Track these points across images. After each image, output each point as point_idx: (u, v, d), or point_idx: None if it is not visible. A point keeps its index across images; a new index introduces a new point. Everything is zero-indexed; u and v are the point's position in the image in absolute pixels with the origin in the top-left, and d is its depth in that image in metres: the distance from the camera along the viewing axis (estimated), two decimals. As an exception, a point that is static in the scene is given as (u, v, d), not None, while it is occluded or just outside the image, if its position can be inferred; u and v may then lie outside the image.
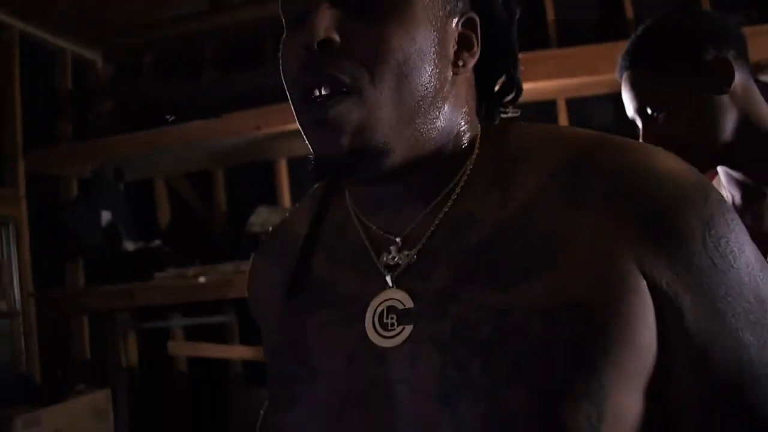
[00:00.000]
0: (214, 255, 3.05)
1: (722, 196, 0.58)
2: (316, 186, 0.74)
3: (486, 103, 0.68)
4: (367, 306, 0.61)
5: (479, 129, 0.66)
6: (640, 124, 1.08)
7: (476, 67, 0.65)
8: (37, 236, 2.94)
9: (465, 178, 0.62)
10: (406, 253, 0.62)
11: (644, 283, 0.54)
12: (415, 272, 0.61)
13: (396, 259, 0.62)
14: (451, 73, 0.62)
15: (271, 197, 3.24)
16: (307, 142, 0.61)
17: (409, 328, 0.58)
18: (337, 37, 0.57)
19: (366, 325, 0.60)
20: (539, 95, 2.69)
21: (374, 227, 0.65)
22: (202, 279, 2.75)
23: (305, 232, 0.69)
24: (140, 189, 3.41)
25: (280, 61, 0.62)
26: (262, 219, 3.13)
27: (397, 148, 0.59)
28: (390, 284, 0.61)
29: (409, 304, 0.59)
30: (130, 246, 3.09)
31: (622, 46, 1.09)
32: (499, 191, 0.61)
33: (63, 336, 3.13)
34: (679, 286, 0.54)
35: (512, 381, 0.53)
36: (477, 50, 0.63)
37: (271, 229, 0.80)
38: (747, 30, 1.12)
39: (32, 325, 2.85)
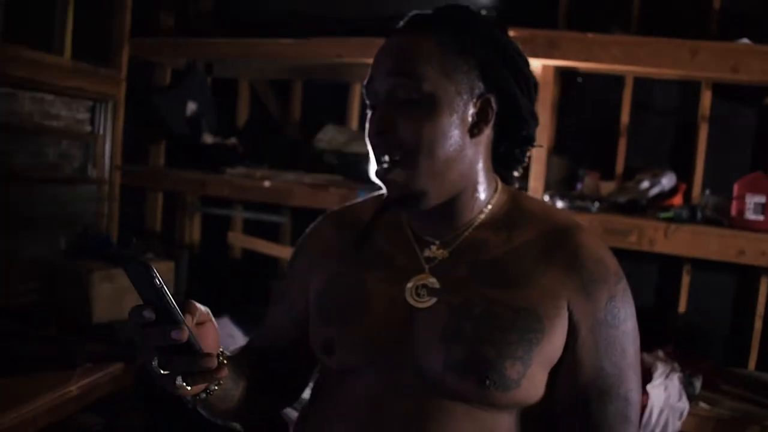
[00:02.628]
0: (281, 161, 3.31)
1: (626, 283, 0.95)
2: (378, 193, 1.08)
3: (504, 155, 1.01)
4: (410, 279, 0.96)
5: (497, 181, 1.01)
6: None
7: (499, 128, 0.98)
8: (130, 116, 3.25)
9: (483, 216, 0.98)
10: (441, 251, 0.97)
11: (567, 314, 0.93)
12: (443, 266, 0.96)
13: (433, 255, 0.98)
14: (468, 139, 0.93)
15: (341, 117, 3.44)
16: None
17: (433, 299, 0.94)
18: (388, 127, 0.92)
19: (406, 293, 0.95)
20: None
21: (419, 231, 1.01)
22: (267, 183, 3.02)
23: (369, 220, 1.04)
24: (225, 87, 3.64)
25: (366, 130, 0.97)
26: (329, 137, 3.34)
27: (431, 193, 0.94)
28: (426, 271, 0.96)
29: (436, 285, 0.95)
30: (208, 138, 3.36)
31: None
32: (506, 233, 0.97)
33: (140, 208, 3.51)
34: (583, 323, 0.93)
35: (485, 341, 0.89)
36: (492, 119, 0.94)
37: (334, 210, 1.11)
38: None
39: (116, 193, 3.21)
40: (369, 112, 0.96)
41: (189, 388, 0.78)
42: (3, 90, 2.63)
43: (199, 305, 0.80)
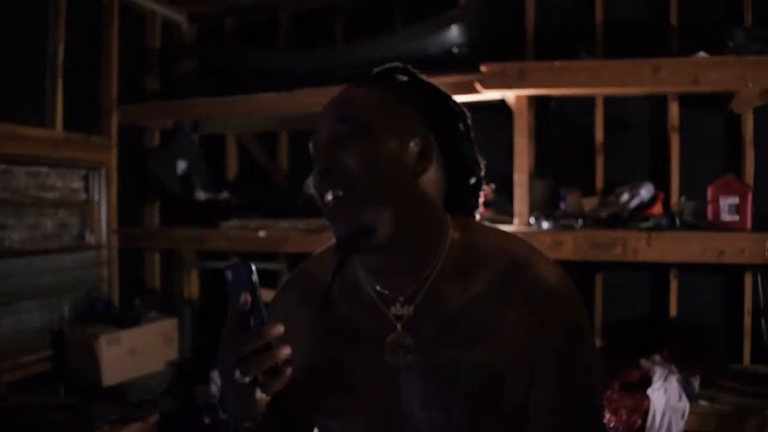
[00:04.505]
0: (273, 210, 3.40)
1: (583, 307, 0.97)
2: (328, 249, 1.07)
3: (455, 196, 1.03)
4: (382, 341, 0.96)
5: (449, 222, 1.01)
6: None
7: (447, 175, 1.01)
8: (123, 180, 3.34)
9: (439, 265, 0.97)
10: (407, 308, 0.96)
11: (528, 350, 0.93)
12: (412, 323, 0.96)
13: (399, 312, 0.97)
14: (412, 177, 0.95)
15: (328, 161, 3.53)
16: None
17: (409, 356, 0.95)
18: (331, 166, 0.93)
19: (386, 356, 0.96)
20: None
21: (379, 287, 0.98)
22: (262, 233, 3.11)
23: (329, 281, 0.98)
24: (213, 143, 3.75)
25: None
26: (318, 181, 3.44)
27: (380, 228, 0.92)
28: (399, 329, 0.96)
29: (411, 342, 0.95)
30: (201, 195, 3.45)
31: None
32: (463, 281, 0.96)
33: (139, 269, 3.57)
34: (544, 355, 0.93)
35: (458, 403, 0.92)
36: (433, 157, 0.97)
37: (295, 273, 1.10)
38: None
39: (114, 257, 3.29)
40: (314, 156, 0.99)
41: (265, 395, 0.84)
42: (0, 167, 2.72)
43: None
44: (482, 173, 1.05)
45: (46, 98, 2.96)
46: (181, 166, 3.49)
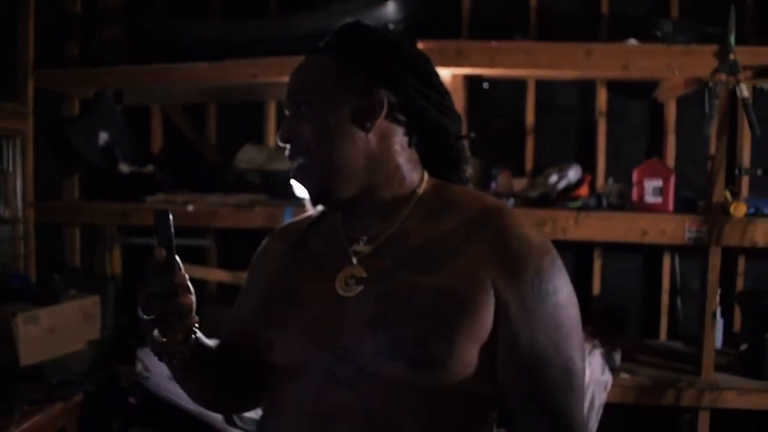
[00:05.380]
0: (201, 185, 3.30)
1: (555, 256, 0.98)
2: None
3: (432, 155, 1.08)
4: (339, 272, 1.02)
5: (424, 175, 1.07)
6: None
7: (414, 128, 1.05)
8: (39, 150, 3.16)
9: (408, 210, 1.04)
10: (367, 247, 1.03)
11: (492, 291, 0.95)
12: (370, 259, 1.02)
13: (360, 250, 1.04)
14: (363, 133, 1.01)
15: (258, 136, 3.47)
16: None
17: (360, 288, 0.99)
18: (291, 138, 1.04)
19: (336, 283, 1.01)
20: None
21: (350, 231, 1.07)
22: (190, 207, 3.00)
23: (306, 228, 1.14)
24: (137, 115, 3.60)
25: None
26: (249, 156, 3.36)
27: (339, 189, 1.02)
28: (354, 262, 1.02)
29: (363, 275, 1.00)
30: (124, 168, 3.31)
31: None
32: (431, 222, 1.01)
33: (58, 244, 3.40)
34: (511, 300, 0.95)
35: (407, 323, 0.93)
36: (379, 114, 1.01)
37: (286, 224, 1.21)
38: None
39: (31, 231, 3.11)
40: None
41: (164, 339, 0.95)
42: None
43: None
44: (450, 134, 1.07)
45: (-45, 61, 2.76)
46: (103, 137, 3.33)
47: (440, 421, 0.94)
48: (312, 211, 1.20)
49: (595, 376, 2.57)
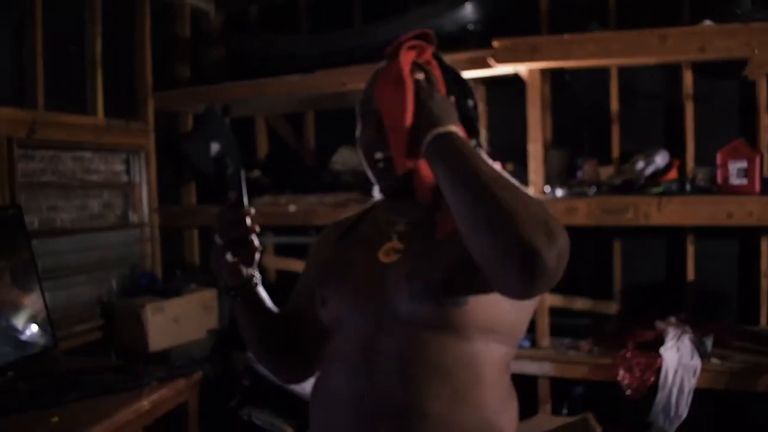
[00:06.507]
0: (302, 186, 3.58)
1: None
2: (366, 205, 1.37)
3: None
4: (382, 246, 1.21)
5: None
6: None
7: None
8: (160, 162, 3.56)
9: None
10: (405, 227, 1.21)
11: None
12: (408, 235, 1.20)
13: (399, 229, 1.22)
14: None
15: (351, 139, 3.66)
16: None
17: (398, 255, 1.17)
18: (378, 132, 1.16)
19: (379, 254, 1.19)
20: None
21: (392, 216, 1.25)
22: (292, 208, 3.28)
23: (356, 219, 1.34)
24: (244, 125, 3.94)
25: (359, 135, 1.24)
26: (344, 158, 3.60)
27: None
28: (394, 239, 1.20)
29: (401, 247, 1.18)
30: (234, 174, 3.63)
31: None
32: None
33: (179, 245, 3.80)
34: None
35: (437, 272, 1.09)
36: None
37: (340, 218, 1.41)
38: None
39: (156, 234, 3.51)
40: (360, 121, 1.24)
41: (235, 258, 1.14)
42: (48, 153, 2.94)
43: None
44: (478, 136, 1.25)
45: (87, 88, 3.17)
46: (215, 147, 3.67)
47: (462, 360, 1.08)
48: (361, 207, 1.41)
49: (684, 361, 2.57)
